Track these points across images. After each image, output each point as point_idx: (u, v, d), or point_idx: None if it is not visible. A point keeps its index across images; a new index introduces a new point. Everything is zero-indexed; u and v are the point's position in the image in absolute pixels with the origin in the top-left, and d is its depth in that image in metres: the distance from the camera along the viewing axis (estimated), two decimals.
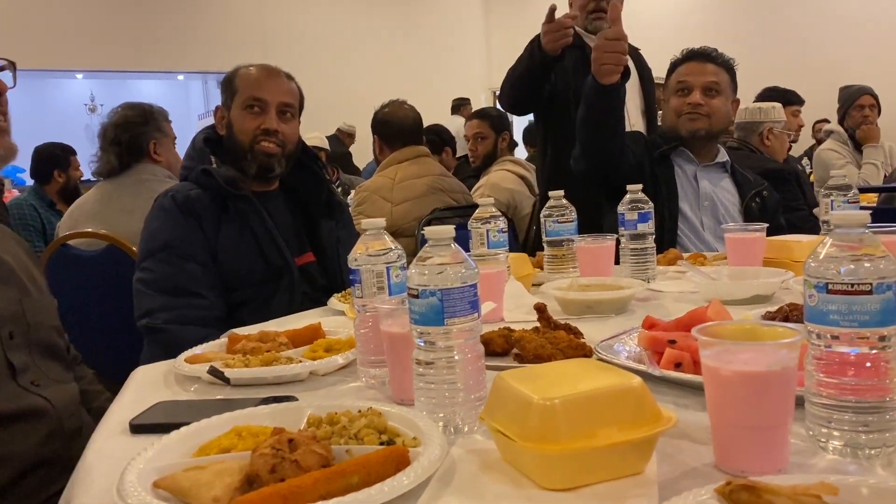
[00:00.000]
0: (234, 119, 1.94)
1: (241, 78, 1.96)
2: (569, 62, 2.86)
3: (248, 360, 1.17)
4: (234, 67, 2.03)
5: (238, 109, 1.94)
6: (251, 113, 1.93)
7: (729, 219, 2.40)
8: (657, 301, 1.63)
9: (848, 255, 0.76)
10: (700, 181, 2.45)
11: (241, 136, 1.93)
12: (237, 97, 1.94)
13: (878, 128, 4.49)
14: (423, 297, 0.89)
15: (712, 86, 2.43)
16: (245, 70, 1.98)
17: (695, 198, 2.44)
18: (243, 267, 1.84)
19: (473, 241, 1.74)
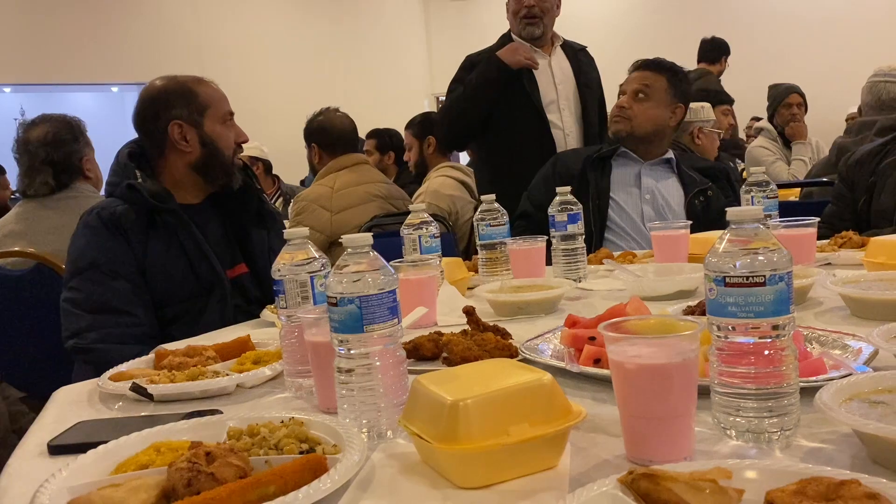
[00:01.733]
0: (214, 135, 1.93)
1: (206, 93, 1.95)
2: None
3: (174, 375, 1.16)
4: (171, 80, 1.98)
5: (216, 124, 1.94)
6: (228, 127, 1.96)
7: (670, 213, 2.46)
8: (586, 300, 1.67)
9: (742, 249, 0.80)
10: (643, 178, 2.52)
11: (227, 150, 1.95)
12: (210, 112, 1.93)
13: (805, 125, 4.67)
14: (341, 304, 0.89)
15: (642, 90, 2.50)
16: (201, 83, 1.97)
17: (637, 192, 2.50)
18: (173, 282, 1.82)
19: (406, 246, 1.75)
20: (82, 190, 2.61)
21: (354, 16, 10.85)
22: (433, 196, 3.71)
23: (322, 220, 3.06)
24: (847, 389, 0.79)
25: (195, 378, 1.15)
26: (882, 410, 0.74)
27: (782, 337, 0.79)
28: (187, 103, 1.92)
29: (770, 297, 0.78)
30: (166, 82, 1.98)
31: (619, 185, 2.50)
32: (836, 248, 1.87)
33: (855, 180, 2.41)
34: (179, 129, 1.90)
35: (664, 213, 2.48)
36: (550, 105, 2.97)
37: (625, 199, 2.48)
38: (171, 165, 1.94)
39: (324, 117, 3.26)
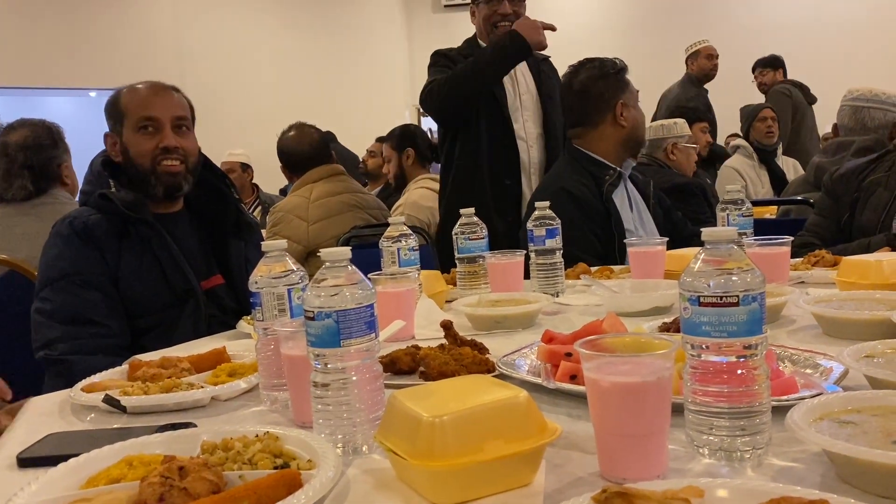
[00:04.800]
0: (128, 143, 1.87)
1: (126, 99, 1.89)
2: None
3: (148, 387, 1.15)
4: (117, 90, 1.95)
5: (131, 132, 1.87)
6: (146, 134, 1.87)
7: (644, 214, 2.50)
8: (564, 314, 1.68)
9: (717, 269, 0.81)
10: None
11: (141, 159, 1.87)
12: (127, 120, 1.87)
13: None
14: (318, 319, 0.89)
15: None
16: (129, 91, 1.91)
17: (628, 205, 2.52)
18: (147, 293, 1.80)
19: (385, 259, 1.75)
20: (59, 196, 2.59)
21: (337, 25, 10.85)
22: (412, 208, 3.71)
23: (299, 231, 3.06)
24: (817, 409, 0.81)
25: (169, 390, 1.14)
26: (851, 430, 0.76)
27: (755, 356, 0.80)
28: (113, 113, 1.91)
29: (743, 317, 0.79)
30: (113, 92, 1.95)
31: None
32: (810, 266, 1.90)
33: (839, 195, 2.45)
34: (111, 139, 1.90)
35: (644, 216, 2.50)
36: (514, 114, 2.92)
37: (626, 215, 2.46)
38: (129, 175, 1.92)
39: (292, 134, 3.25)
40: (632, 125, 2.47)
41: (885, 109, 3.27)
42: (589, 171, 2.45)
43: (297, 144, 3.23)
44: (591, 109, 2.48)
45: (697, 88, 5.63)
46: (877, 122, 3.23)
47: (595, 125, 2.48)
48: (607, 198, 2.40)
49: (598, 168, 2.45)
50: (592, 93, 2.47)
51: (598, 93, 2.46)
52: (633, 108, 2.48)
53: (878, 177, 2.44)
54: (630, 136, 2.48)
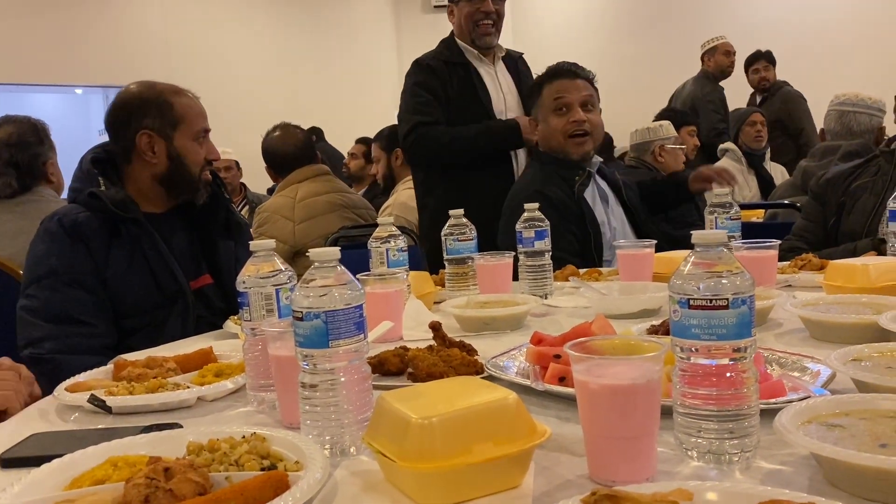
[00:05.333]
0: (183, 150, 1.89)
1: (183, 105, 1.90)
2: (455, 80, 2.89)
3: (133, 387, 1.14)
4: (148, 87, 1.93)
5: (188, 140, 1.90)
6: (200, 143, 1.92)
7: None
8: (552, 316, 1.68)
9: (706, 272, 0.81)
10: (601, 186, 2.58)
11: (195, 167, 1.91)
12: (183, 127, 1.89)
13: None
14: (307, 319, 0.89)
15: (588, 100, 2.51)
16: (180, 96, 1.92)
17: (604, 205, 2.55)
18: (135, 293, 1.79)
19: (373, 259, 1.75)
20: (44, 194, 2.56)
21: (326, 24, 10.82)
22: (401, 208, 3.71)
23: (285, 231, 3.04)
24: (805, 412, 0.81)
25: (155, 390, 1.13)
26: (839, 434, 0.76)
27: (744, 359, 0.80)
28: (161, 114, 1.88)
29: (732, 320, 0.79)
30: (143, 89, 1.93)
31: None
32: (797, 270, 1.91)
33: (826, 198, 2.47)
34: (148, 139, 1.87)
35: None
36: (500, 116, 2.92)
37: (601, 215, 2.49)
38: (137, 174, 1.90)
39: (273, 139, 3.24)
40: (541, 139, 2.56)
41: (871, 114, 3.30)
42: (558, 173, 2.50)
43: (282, 145, 3.22)
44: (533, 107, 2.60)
45: (713, 84, 5.52)
46: (862, 126, 3.26)
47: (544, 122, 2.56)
48: (579, 197, 2.45)
49: (567, 169, 2.49)
50: (534, 93, 2.58)
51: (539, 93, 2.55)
52: (541, 122, 2.55)
53: (864, 182, 2.46)
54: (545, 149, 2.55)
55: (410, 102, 2.91)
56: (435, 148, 2.85)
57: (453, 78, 2.89)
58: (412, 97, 2.91)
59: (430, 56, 2.99)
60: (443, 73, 2.89)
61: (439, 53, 2.99)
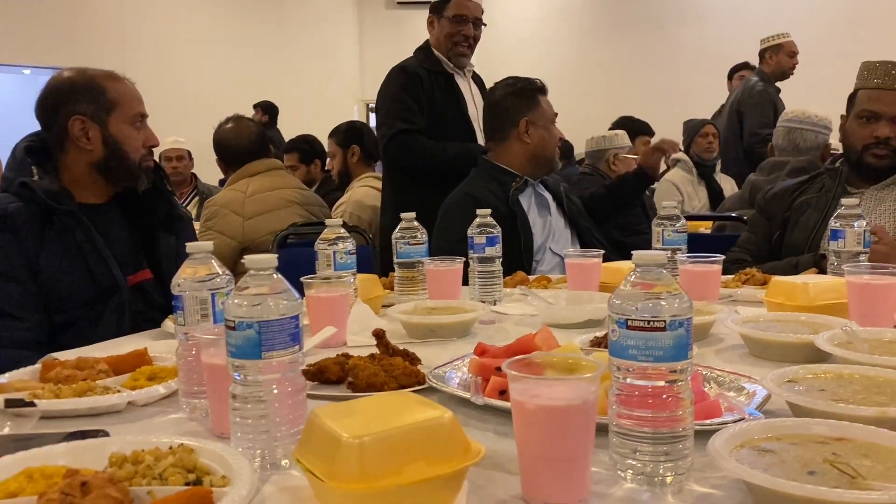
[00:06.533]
0: (119, 135, 1.83)
1: (117, 90, 1.85)
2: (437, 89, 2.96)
3: (60, 389, 1.10)
4: (80, 73, 1.87)
5: (124, 125, 1.84)
6: (137, 129, 1.87)
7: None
8: (500, 324, 1.67)
9: (645, 293, 0.81)
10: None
11: (134, 153, 1.86)
12: (118, 112, 1.83)
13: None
14: (239, 329, 0.86)
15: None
16: (112, 80, 1.87)
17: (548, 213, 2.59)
18: (68, 286, 1.73)
19: (320, 262, 1.72)
20: None
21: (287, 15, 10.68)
22: (355, 206, 3.67)
23: (234, 226, 2.98)
24: (738, 436, 0.81)
25: (83, 394, 1.08)
26: (769, 459, 0.76)
27: (680, 382, 0.80)
28: (93, 99, 1.82)
29: (670, 342, 0.79)
30: (74, 74, 1.88)
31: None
32: (740, 284, 1.94)
33: (771, 213, 2.51)
34: (81, 125, 1.81)
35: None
36: (474, 122, 3.05)
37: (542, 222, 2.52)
38: (72, 163, 1.84)
39: (230, 126, 3.18)
40: (536, 143, 2.54)
41: (817, 131, 3.38)
42: (495, 178, 2.53)
43: (234, 137, 3.15)
44: (500, 124, 2.57)
45: (765, 85, 5.10)
46: (809, 143, 3.34)
47: (503, 140, 2.56)
48: (513, 200, 2.46)
49: (505, 175, 2.53)
50: (502, 108, 2.57)
51: (506, 109, 2.55)
52: (541, 128, 2.55)
53: (808, 198, 2.51)
54: (535, 153, 2.55)
55: (394, 108, 2.98)
56: (414, 157, 2.94)
57: (436, 86, 2.99)
58: (396, 102, 2.98)
59: (413, 63, 3.07)
60: (427, 80, 2.99)
61: (421, 62, 3.07)
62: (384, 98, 3.06)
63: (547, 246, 2.46)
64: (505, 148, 2.55)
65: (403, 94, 2.98)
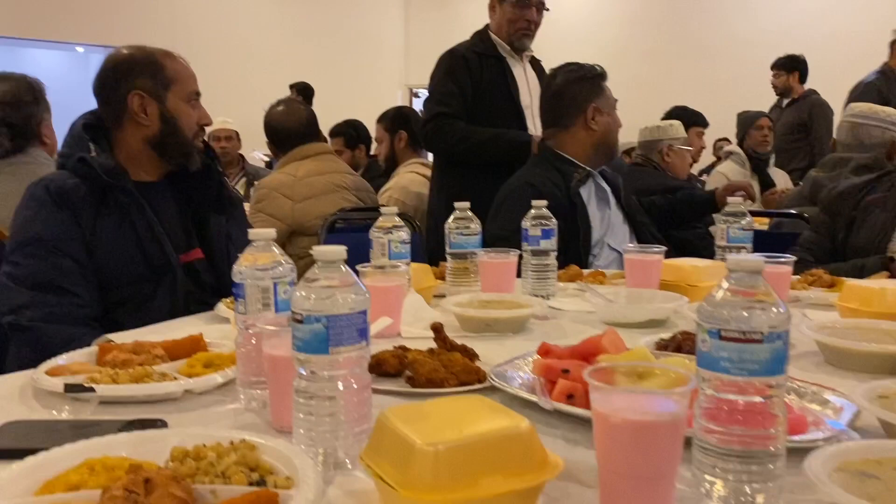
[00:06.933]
0: (176, 111, 1.84)
1: (174, 67, 1.86)
2: (486, 73, 2.91)
3: (117, 374, 1.08)
4: (139, 49, 1.89)
5: (180, 102, 1.85)
6: (192, 106, 1.87)
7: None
8: (555, 320, 1.62)
9: (741, 302, 0.75)
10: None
11: (188, 130, 1.86)
12: (175, 88, 1.84)
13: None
14: (307, 322, 0.82)
15: None
16: (169, 58, 1.87)
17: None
18: (122, 264, 1.73)
19: (374, 250, 1.68)
20: (37, 156, 2.49)
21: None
22: (401, 192, 3.64)
23: (283, 209, 2.97)
24: (836, 457, 0.75)
25: (140, 380, 1.07)
26: (874, 488, 0.71)
27: (775, 398, 0.74)
28: (152, 75, 1.83)
29: (766, 356, 0.73)
30: (133, 51, 1.89)
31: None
32: (807, 286, 1.86)
33: (836, 212, 2.42)
34: (140, 99, 1.81)
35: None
36: (526, 111, 3.00)
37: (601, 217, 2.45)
38: (128, 138, 1.84)
39: (276, 113, 3.17)
40: (603, 130, 2.48)
41: (884, 127, 3.24)
42: (557, 167, 2.46)
43: (285, 120, 3.14)
44: (563, 111, 2.50)
45: (889, 83, 4.77)
46: (874, 139, 3.20)
47: (566, 127, 2.49)
48: (574, 192, 2.40)
49: (567, 165, 2.46)
50: (566, 95, 2.49)
51: (572, 96, 2.48)
52: (606, 115, 2.50)
53: (876, 197, 2.40)
54: (601, 140, 2.49)
55: (437, 91, 2.97)
56: (447, 141, 2.93)
57: (486, 70, 2.95)
58: (440, 86, 2.97)
59: (464, 46, 3.04)
60: (475, 64, 2.95)
61: (474, 45, 3.04)
62: (431, 81, 3.06)
63: (605, 241, 2.39)
64: (569, 135, 2.48)
65: (447, 77, 2.96)
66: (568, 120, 2.48)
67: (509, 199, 2.40)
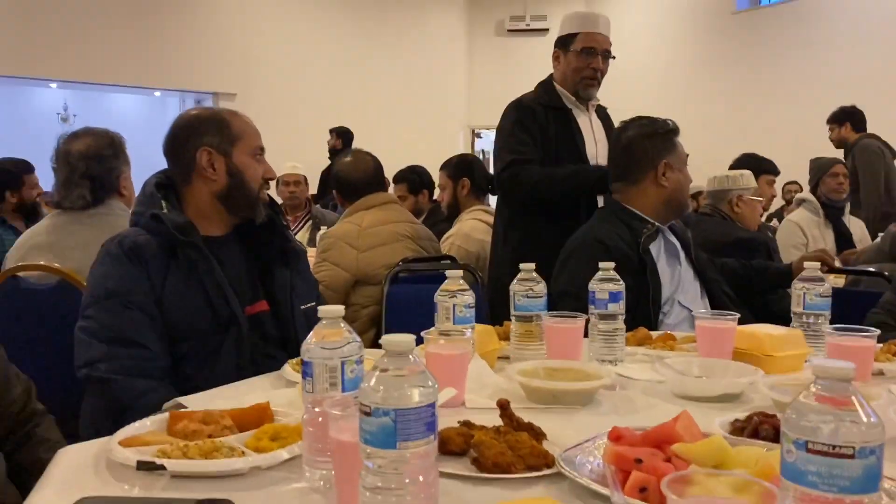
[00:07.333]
0: (242, 166, 1.91)
1: (239, 124, 1.94)
2: (552, 125, 2.90)
3: (188, 447, 1.09)
4: (206, 109, 1.99)
5: (245, 157, 1.92)
6: (256, 161, 1.94)
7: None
8: (624, 391, 1.58)
9: (830, 411, 0.71)
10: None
11: (254, 182, 1.93)
12: (241, 144, 1.92)
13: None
14: (375, 416, 0.82)
15: None
16: (235, 116, 1.97)
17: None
18: (190, 317, 1.78)
19: (439, 314, 1.68)
20: (115, 208, 2.58)
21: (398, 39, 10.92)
22: (463, 239, 3.65)
23: (348, 258, 3.01)
24: None
25: (209, 454, 1.08)
26: None
27: None
28: (219, 132, 1.91)
29: (859, 472, 0.69)
30: (201, 111, 2.00)
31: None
32: (890, 356, 1.76)
33: None
34: (208, 155, 1.89)
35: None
36: (591, 161, 2.97)
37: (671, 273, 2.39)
38: (197, 194, 1.92)
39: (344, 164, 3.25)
40: (674, 187, 2.43)
41: None
42: (625, 222, 2.41)
43: (352, 171, 3.20)
44: (633, 166, 2.46)
45: None
46: None
47: (636, 182, 2.45)
48: (644, 249, 2.34)
49: (636, 220, 2.40)
50: (636, 150, 2.45)
51: (643, 150, 2.44)
52: (677, 171, 2.44)
53: None
54: (672, 197, 2.43)
55: (509, 141, 2.96)
56: (525, 186, 2.89)
57: (551, 122, 2.93)
58: (509, 136, 2.96)
59: (529, 98, 3.04)
60: (542, 116, 2.94)
61: (539, 97, 3.03)
62: (499, 134, 3.06)
63: (675, 298, 2.33)
64: (638, 191, 2.43)
65: (516, 127, 2.95)
66: (637, 175, 2.44)
67: (575, 255, 2.37)
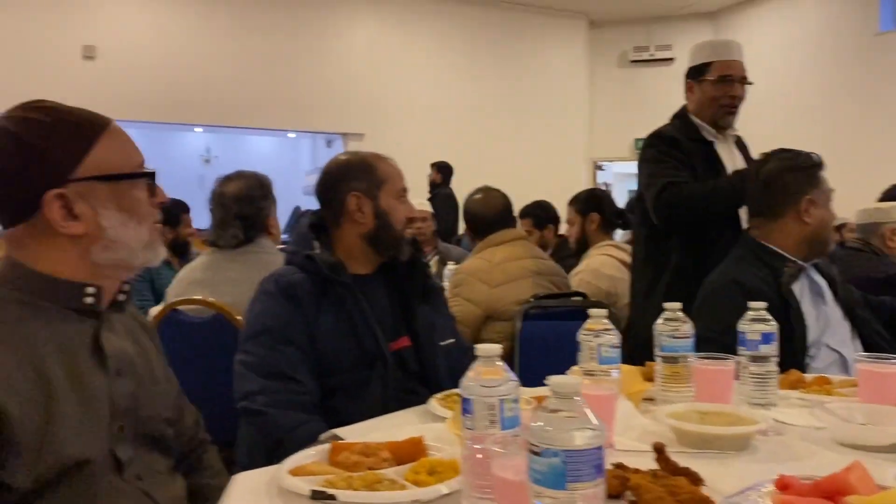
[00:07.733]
0: (388, 208, 2.00)
1: (384, 168, 2.03)
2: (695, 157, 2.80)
3: (352, 479, 1.15)
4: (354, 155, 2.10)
5: (391, 199, 2.01)
6: (400, 202, 2.03)
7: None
8: (781, 437, 1.50)
9: None
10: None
11: (399, 224, 2.01)
12: (386, 187, 2.01)
13: None
14: (545, 456, 0.83)
15: None
16: (380, 160, 2.05)
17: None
18: (339, 352, 1.87)
19: (583, 353, 1.66)
20: (265, 246, 2.75)
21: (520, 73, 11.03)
22: (593, 275, 3.61)
23: (480, 294, 3.05)
24: None
25: (372, 486, 1.13)
26: None
27: None
28: (366, 176, 2.00)
29: None
30: (349, 157, 2.10)
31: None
32: None
33: None
34: (357, 200, 1.98)
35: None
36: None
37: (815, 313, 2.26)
38: (346, 235, 2.01)
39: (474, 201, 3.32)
40: (817, 224, 2.28)
41: None
42: (764, 261, 2.28)
43: (482, 208, 3.27)
44: (773, 201, 2.32)
45: None
46: None
47: (776, 218, 2.31)
48: (786, 290, 2.20)
49: (776, 259, 2.27)
50: (777, 184, 2.32)
51: (784, 185, 2.30)
52: (821, 208, 2.29)
53: None
54: (814, 235, 2.28)
55: (656, 169, 2.81)
56: (686, 204, 2.72)
57: (695, 153, 2.83)
58: (657, 164, 2.83)
59: (668, 129, 2.93)
60: (687, 146, 2.83)
61: (678, 129, 2.91)
62: (643, 165, 2.91)
63: (822, 341, 2.20)
64: (778, 227, 2.30)
65: (663, 154, 2.83)
66: (778, 210, 2.31)
67: (712, 297, 2.28)
